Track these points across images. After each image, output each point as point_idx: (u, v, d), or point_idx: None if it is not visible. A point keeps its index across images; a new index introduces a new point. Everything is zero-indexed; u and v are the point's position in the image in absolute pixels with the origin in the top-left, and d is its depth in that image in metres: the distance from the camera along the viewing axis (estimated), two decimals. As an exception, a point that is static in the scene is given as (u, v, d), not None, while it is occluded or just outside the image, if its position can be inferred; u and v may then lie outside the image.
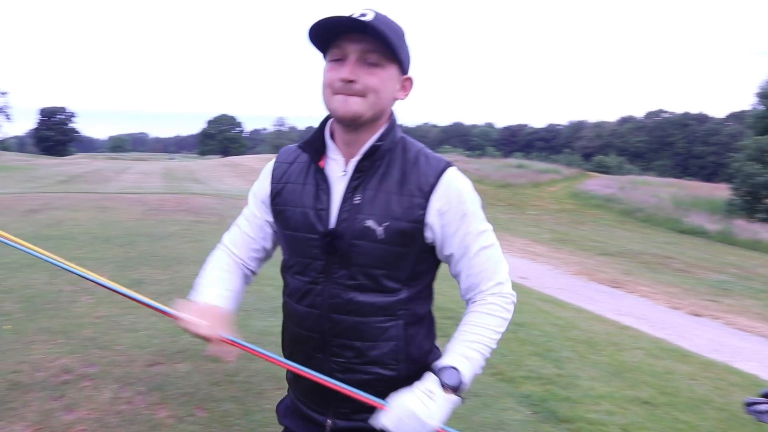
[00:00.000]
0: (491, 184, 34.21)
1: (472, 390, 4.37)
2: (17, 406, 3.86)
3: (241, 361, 4.64)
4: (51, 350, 4.79)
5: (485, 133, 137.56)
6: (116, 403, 3.94)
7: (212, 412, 3.84)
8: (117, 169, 38.97)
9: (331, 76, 1.46)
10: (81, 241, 9.60)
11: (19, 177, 30.21)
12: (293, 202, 1.57)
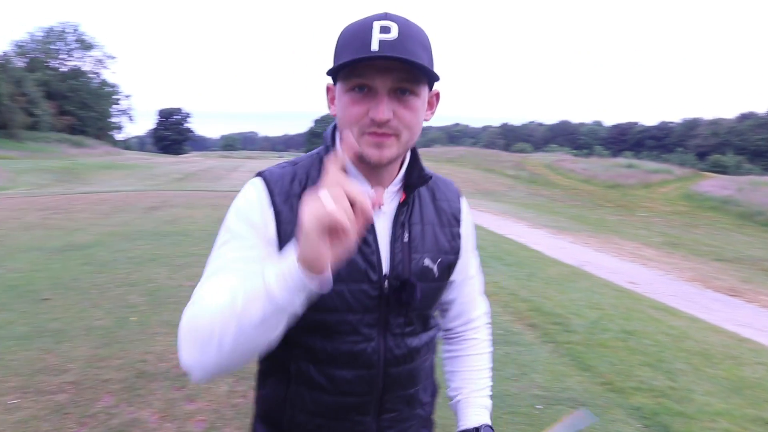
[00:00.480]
0: (599, 185, 33.28)
1: (579, 399, 4.33)
2: (144, 393, 4.14)
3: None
4: (173, 342, 5.09)
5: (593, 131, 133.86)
6: (232, 396, 4.14)
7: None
8: (228, 167, 40.52)
9: (357, 112, 1.17)
10: (196, 238, 10.08)
11: (140, 175, 32.02)
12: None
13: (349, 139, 1.07)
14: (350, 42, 1.15)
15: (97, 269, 7.68)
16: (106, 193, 16.94)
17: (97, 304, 6.15)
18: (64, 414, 3.85)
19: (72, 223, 11.67)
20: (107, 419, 3.77)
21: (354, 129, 1.18)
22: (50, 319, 5.64)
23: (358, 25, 1.17)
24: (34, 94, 58.16)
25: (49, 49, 74.83)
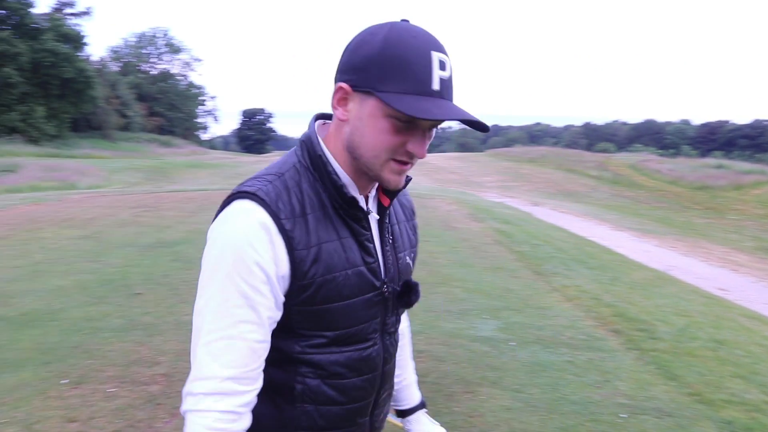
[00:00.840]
0: (687, 186, 32.08)
1: (665, 410, 4.21)
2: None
3: (432, 362, 4.80)
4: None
5: (680, 130, 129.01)
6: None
7: (404, 410, 4.00)
8: (311, 166, 40.96)
9: (396, 142, 1.13)
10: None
11: (224, 173, 32.93)
12: (340, 264, 1.19)
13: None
14: (405, 70, 1.09)
15: (185, 266, 7.97)
16: (192, 192, 17.50)
17: (185, 300, 6.37)
18: (156, 404, 4.02)
19: (161, 221, 12.13)
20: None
21: (383, 154, 1.14)
22: (143, 313, 5.90)
23: (413, 50, 1.09)
24: (126, 96, 60.79)
25: (140, 53, 77.96)
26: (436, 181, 32.57)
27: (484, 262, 8.81)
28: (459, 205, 15.94)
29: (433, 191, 21.52)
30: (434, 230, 11.59)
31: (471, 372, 4.64)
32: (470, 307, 6.37)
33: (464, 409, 4.03)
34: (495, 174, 36.80)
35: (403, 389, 1.65)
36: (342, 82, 1.15)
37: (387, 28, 1.11)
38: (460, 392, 4.29)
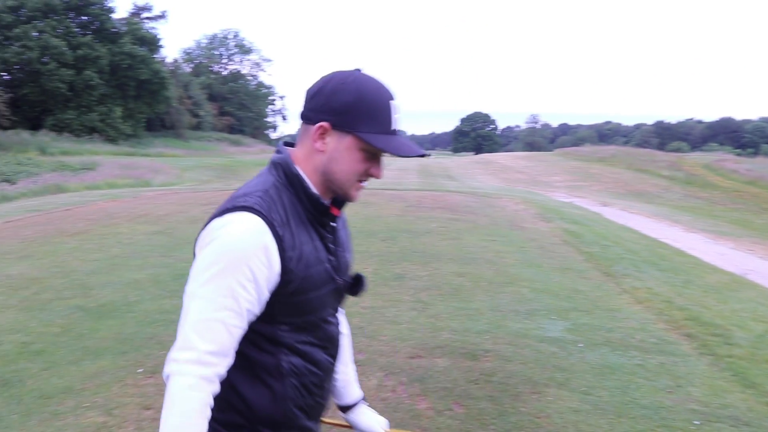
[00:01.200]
0: (766, 187, 30.81)
1: (741, 419, 4.06)
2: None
3: (498, 361, 4.77)
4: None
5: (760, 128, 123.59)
6: (381, 390, 4.26)
7: (469, 409, 4.00)
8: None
9: (363, 168, 1.47)
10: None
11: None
12: (314, 261, 1.47)
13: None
14: (376, 115, 1.43)
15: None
16: (262, 190, 17.78)
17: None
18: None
19: (232, 218, 12.38)
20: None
21: (354, 177, 1.47)
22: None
23: (379, 100, 1.44)
24: (198, 96, 62.46)
25: (212, 54, 79.87)
26: (503, 181, 32.26)
27: (553, 262, 8.69)
28: (527, 205, 15.76)
29: (499, 191, 21.33)
30: (501, 230, 11.50)
31: (538, 372, 4.59)
32: (538, 307, 6.30)
33: (531, 410, 3.99)
34: (563, 173, 36.15)
35: (346, 386, 1.86)
36: (323, 122, 1.43)
37: (353, 79, 1.44)
38: (526, 392, 4.25)
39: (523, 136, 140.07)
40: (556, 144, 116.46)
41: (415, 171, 36.16)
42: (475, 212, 13.91)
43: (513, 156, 56.32)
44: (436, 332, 5.42)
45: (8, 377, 4.46)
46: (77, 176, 25.84)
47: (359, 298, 1.66)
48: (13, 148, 33.15)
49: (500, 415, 3.93)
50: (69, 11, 50.05)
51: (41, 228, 11.66)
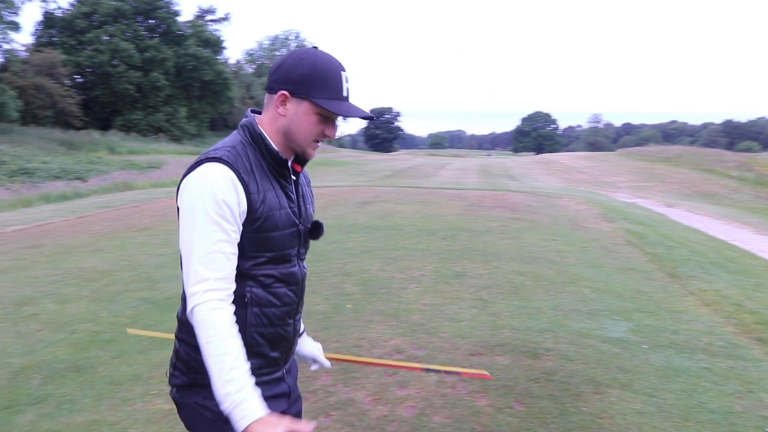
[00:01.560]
0: None
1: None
2: (359, 376, 4.39)
3: (559, 360, 4.72)
4: (385, 331, 5.34)
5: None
6: (441, 386, 4.26)
7: (530, 407, 3.96)
8: (436, 165, 41.17)
9: (318, 130, 1.75)
10: (407, 233, 10.43)
11: (352, 171, 33.61)
12: (276, 206, 1.75)
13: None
14: (328, 84, 1.70)
15: (315, 258, 8.22)
16: (322, 188, 18.00)
17: (315, 291, 6.60)
18: (288, 388, 4.20)
19: (293, 215, 12.56)
20: (325, 396, 4.06)
21: (310, 137, 1.75)
22: (276, 301, 6.14)
23: (329, 70, 1.71)
24: (260, 97, 63.44)
25: (274, 55, 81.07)
26: (564, 181, 31.75)
27: (615, 262, 8.53)
28: (588, 205, 15.49)
29: (560, 191, 21.03)
30: (562, 229, 11.35)
31: (600, 373, 4.51)
32: (600, 307, 6.20)
33: (593, 410, 3.93)
34: (626, 174, 35.37)
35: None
36: (283, 90, 1.71)
37: (309, 55, 1.72)
38: (588, 392, 4.19)
39: (585, 135, 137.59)
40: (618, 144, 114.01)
41: (475, 171, 35.89)
42: (535, 212, 13.74)
43: (575, 156, 55.44)
44: (496, 330, 5.39)
45: (81, 363, 4.64)
46: (144, 174, 26.65)
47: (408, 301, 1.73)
48: (84, 148, 34.37)
49: (561, 415, 3.88)
50: (138, 15, 51.62)
51: (111, 224, 12.06)
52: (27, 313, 5.98)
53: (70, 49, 47.60)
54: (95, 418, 3.79)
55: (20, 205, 17.71)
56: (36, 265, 8.25)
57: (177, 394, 1.83)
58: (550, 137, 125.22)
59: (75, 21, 49.09)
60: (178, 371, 1.82)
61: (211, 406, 1.68)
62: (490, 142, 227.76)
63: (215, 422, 1.70)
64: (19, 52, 42.13)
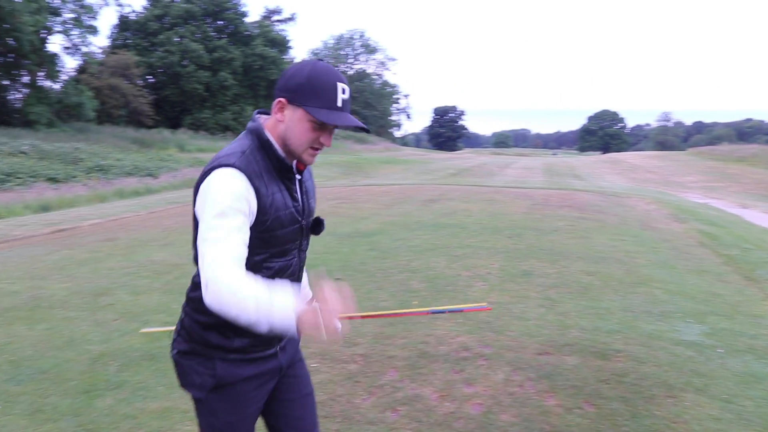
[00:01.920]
0: None
1: None
2: (425, 372, 4.39)
3: (630, 362, 4.61)
4: (452, 328, 5.32)
5: None
6: (509, 384, 4.22)
7: (600, 409, 3.88)
8: (500, 164, 40.80)
9: (313, 137, 1.86)
10: (473, 231, 10.37)
11: (416, 169, 33.60)
12: (282, 207, 1.89)
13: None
14: (321, 94, 1.80)
15: (381, 255, 8.28)
16: (386, 186, 18.07)
17: (381, 287, 6.63)
18: (355, 382, 4.23)
19: (358, 212, 12.67)
20: (392, 392, 4.07)
21: (305, 144, 1.86)
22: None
23: (324, 81, 1.81)
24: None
25: (339, 54, 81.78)
26: (631, 181, 31.02)
27: (688, 264, 8.28)
28: (658, 205, 15.09)
29: (628, 190, 20.55)
30: (631, 229, 11.08)
31: (674, 376, 4.38)
32: (672, 309, 6.02)
33: (666, 414, 3.82)
34: (697, 174, 34.29)
35: (302, 288, 2.24)
36: (281, 98, 1.84)
37: (310, 66, 1.84)
38: (661, 396, 4.07)
39: (654, 134, 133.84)
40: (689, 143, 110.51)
41: (540, 170, 35.41)
42: (603, 211, 13.47)
43: (643, 155, 54.09)
44: (564, 330, 5.30)
45: (155, 352, 4.78)
46: (212, 172, 27.18)
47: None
48: (155, 146, 35.39)
49: (633, 417, 3.79)
50: (207, 17, 52.80)
51: (181, 219, 12.38)
52: (104, 303, 6.20)
53: (143, 51, 49.06)
54: (168, 406, 3.90)
55: (96, 200, 18.38)
56: (111, 257, 8.54)
57: (177, 356, 2.03)
58: (617, 136, 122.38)
59: (148, 23, 50.60)
60: (181, 338, 2.03)
61: (203, 372, 1.96)
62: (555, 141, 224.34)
63: (203, 386, 1.97)
64: (96, 55, 43.70)
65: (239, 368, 1.99)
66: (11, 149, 23.82)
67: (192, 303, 1.98)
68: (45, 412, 3.83)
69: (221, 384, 1.97)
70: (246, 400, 2.03)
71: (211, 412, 2.00)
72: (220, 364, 1.96)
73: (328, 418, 3.71)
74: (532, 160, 53.66)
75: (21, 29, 30.44)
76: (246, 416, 2.05)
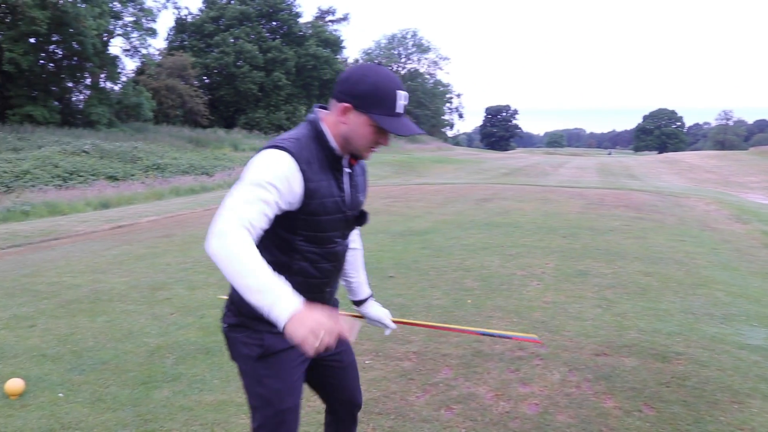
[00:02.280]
0: None
1: None
2: (480, 371, 4.34)
3: (691, 365, 4.47)
4: (507, 327, 5.25)
5: None
6: (565, 385, 4.14)
7: (660, 412, 3.77)
8: (554, 164, 40.27)
9: (374, 139, 2.02)
10: (527, 230, 10.24)
11: (469, 169, 33.41)
12: (327, 194, 2.02)
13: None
14: (384, 102, 1.95)
15: (434, 253, 8.24)
16: (439, 185, 18.01)
17: (435, 285, 6.60)
18: (408, 379, 4.21)
19: (410, 211, 12.66)
20: (447, 390, 4.04)
21: (367, 145, 2.03)
22: (395, 294, 6.21)
23: (387, 89, 1.96)
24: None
25: (391, 54, 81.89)
26: (689, 181, 30.26)
27: (752, 266, 8.01)
28: (719, 205, 14.66)
29: (686, 190, 20.04)
30: (691, 230, 10.79)
31: (738, 381, 4.23)
32: (735, 312, 5.83)
33: (731, 420, 3.69)
34: (760, 174, 33.25)
35: (358, 286, 2.55)
36: (346, 103, 1.96)
37: (374, 72, 1.97)
38: (725, 401, 3.93)
39: (713, 133, 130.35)
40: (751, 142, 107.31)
41: (594, 170, 34.83)
42: (661, 211, 13.15)
43: (701, 155, 52.75)
44: (622, 331, 5.18)
45: (210, 346, 4.85)
46: (266, 171, 27.61)
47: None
48: (210, 145, 36.04)
49: (696, 422, 3.67)
50: (261, 18, 53.47)
51: (236, 217, 12.51)
52: (161, 297, 6.32)
53: (199, 52, 49.98)
54: (224, 399, 3.94)
55: (153, 198, 18.81)
56: (168, 253, 8.72)
57: (227, 330, 2.18)
58: (674, 135, 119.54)
59: (204, 25, 51.52)
60: (231, 312, 2.16)
61: (250, 342, 2.09)
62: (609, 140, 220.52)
63: (251, 357, 2.09)
64: (154, 56, 44.73)
65: (285, 339, 2.00)
66: (74, 149, 24.56)
67: None
68: (105, 401, 3.93)
69: (267, 353, 2.08)
70: (291, 368, 2.14)
71: (258, 382, 2.11)
72: (267, 336, 2.06)
73: (382, 415, 3.70)
74: (585, 159, 52.79)
75: (85, 33, 31.32)
76: (292, 384, 2.15)
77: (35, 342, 5.05)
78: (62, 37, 32.86)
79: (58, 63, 35.33)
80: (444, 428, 3.55)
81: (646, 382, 4.19)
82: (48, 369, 4.46)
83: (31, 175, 19.84)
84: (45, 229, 11.78)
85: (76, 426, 3.60)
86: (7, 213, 14.39)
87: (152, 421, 3.65)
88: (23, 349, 4.87)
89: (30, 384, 4.15)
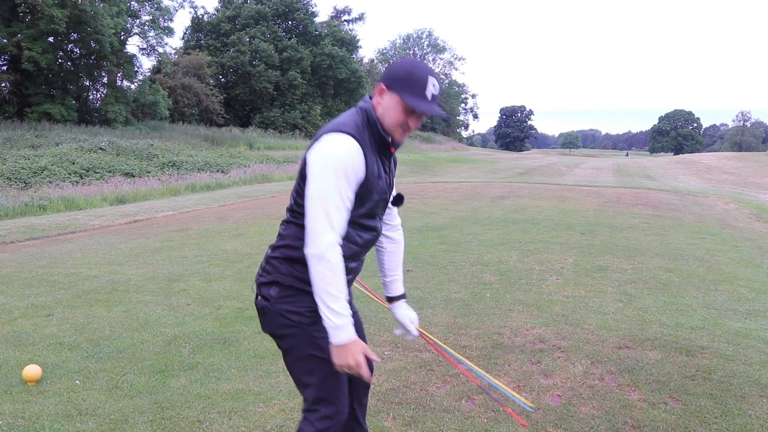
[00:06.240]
0: None
1: None
2: (501, 363, 4.28)
3: (717, 359, 4.38)
4: (527, 320, 5.19)
5: None
6: (588, 377, 4.06)
7: (686, 405, 3.69)
8: (569, 164, 40.08)
9: (403, 119, 2.16)
10: (544, 227, 10.16)
11: (484, 168, 33.30)
12: (380, 176, 2.20)
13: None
14: (415, 85, 2.11)
15: (451, 248, 8.18)
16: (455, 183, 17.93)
17: (453, 279, 6.53)
18: (428, 370, 4.15)
19: (427, 207, 12.60)
20: (467, 381, 3.97)
21: (396, 124, 2.16)
22: (413, 287, 6.15)
23: (419, 74, 2.13)
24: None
25: (407, 53, 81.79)
26: (707, 182, 30.01)
27: (774, 263, 7.88)
28: (738, 204, 14.51)
29: (704, 190, 19.85)
30: (710, 228, 10.67)
31: (766, 375, 4.14)
32: (759, 308, 5.73)
33: (760, 414, 3.60)
34: (779, 175, 32.87)
35: (393, 282, 2.64)
36: (382, 84, 2.17)
37: (410, 61, 2.17)
38: (753, 395, 3.84)
39: (730, 135, 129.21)
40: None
41: (610, 170, 34.63)
42: (679, 210, 13.03)
43: (719, 156, 52.31)
44: (644, 325, 5.10)
45: (227, 336, 4.82)
46: (281, 168, 27.65)
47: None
48: (226, 143, 36.11)
49: (723, 415, 3.58)
50: (277, 17, 53.56)
51: (250, 212, 12.56)
52: (177, 289, 6.30)
53: (215, 51, 50.11)
54: (241, 387, 3.90)
55: (169, 194, 18.85)
56: (184, 246, 8.71)
57: (272, 303, 2.24)
58: (690, 137, 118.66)
59: (220, 24, 51.66)
60: (275, 285, 2.25)
61: (301, 311, 2.20)
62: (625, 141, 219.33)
63: (302, 324, 2.21)
64: (170, 55, 44.87)
65: None
66: (91, 146, 24.67)
67: (289, 249, 2.24)
68: (122, 389, 3.89)
69: (319, 318, 2.14)
70: None
71: (314, 344, 2.22)
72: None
73: (402, 405, 3.65)
74: (601, 160, 52.55)
75: (102, 32, 31.46)
76: None
77: (52, 330, 5.04)
78: (80, 36, 33.05)
79: (75, 61, 35.53)
80: (465, 418, 3.50)
81: (671, 375, 4.11)
82: (65, 357, 4.44)
83: (49, 172, 19.95)
84: (62, 223, 11.81)
85: (93, 412, 3.57)
86: (24, 207, 14.46)
87: (169, 408, 3.62)
88: (40, 337, 4.86)
89: (47, 371, 4.14)
